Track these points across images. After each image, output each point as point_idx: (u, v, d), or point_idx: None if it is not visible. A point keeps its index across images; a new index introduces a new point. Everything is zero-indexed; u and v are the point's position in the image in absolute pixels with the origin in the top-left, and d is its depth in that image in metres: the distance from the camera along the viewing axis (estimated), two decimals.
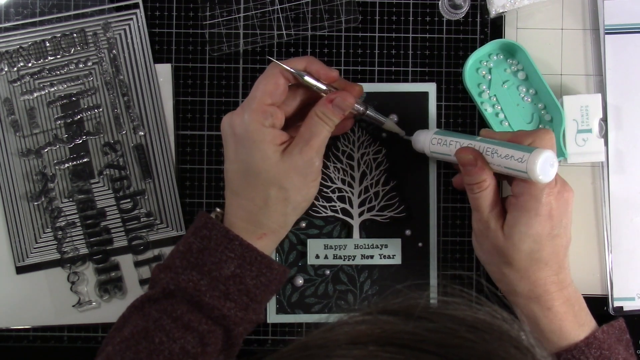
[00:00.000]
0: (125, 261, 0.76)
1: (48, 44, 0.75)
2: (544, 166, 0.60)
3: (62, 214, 0.75)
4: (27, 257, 0.76)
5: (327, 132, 0.65)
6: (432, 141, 0.69)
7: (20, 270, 0.76)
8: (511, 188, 0.66)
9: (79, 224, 0.76)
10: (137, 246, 0.76)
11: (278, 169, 0.64)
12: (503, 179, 0.69)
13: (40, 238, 0.76)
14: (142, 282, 0.76)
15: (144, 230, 0.76)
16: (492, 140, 0.65)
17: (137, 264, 0.76)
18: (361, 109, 0.69)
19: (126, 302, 0.70)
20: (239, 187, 0.65)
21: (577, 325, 0.67)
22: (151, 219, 0.76)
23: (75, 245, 0.76)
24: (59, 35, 0.75)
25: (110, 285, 0.75)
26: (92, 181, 0.76)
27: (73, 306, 0.75)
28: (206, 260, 0.63)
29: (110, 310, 0.75)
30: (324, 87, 0.66)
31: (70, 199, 0.76)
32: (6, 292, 0.76)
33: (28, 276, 0.76)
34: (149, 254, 0.76)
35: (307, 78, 0.65)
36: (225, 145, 0.66)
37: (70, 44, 0.76)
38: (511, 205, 0.64)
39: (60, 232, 0.75)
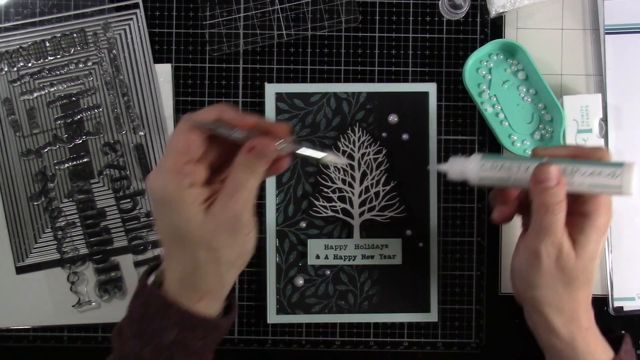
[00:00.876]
0: (125, 261, 0.76)
1: (48, 44, 0.75)
2: (638, 181, 0.58)
3: (62, 214, 0.75)
4: (27, 257, 0.76)
5: (253, 183, 0.59)
6: (482, 167, 0.63)
7: (20, 270, 0.76)
8: (572, 207, 0.61)
9: (79, 224, 0.76)
10: (137, 246, 0.76)
11: (203, 229, 0.58)
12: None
13: (40, 238, 0.76)
14: None
15: (144, 230, 0.76)
16: (563, 160, 0.61)
17: (137, 264, 0.76)
18: (292, 147, 0.59)
19: (126, 302, 0.70)
20: (170, 250, 0.61)
21: (605, 345, 0.65)
22: (151, 218, 0.76)
23: (75, 245, 0.76)
24: (59, 35, 0.75)
25: (110, 285, 0.75)
26: (92, 181, 0.76)
27: (73, 306, 0.75)
28: (147, 328, 0.59)
29: (110, 311, 0.76)
30: (241, 136, 0.58)
31: (70, 199, 0.76)
32: (6, 292, 0.76)
33: (28, 276, 0.76)
34: (149, 254, 0.76)
35: (220, 129, 0.58)
36: (152, 206, 0.63)
37: (70, 44, 0.76)
38: (578, 226, 0.61)
39: (60, 232, 0.75)
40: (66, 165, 0.76)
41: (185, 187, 0.58)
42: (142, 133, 0.76)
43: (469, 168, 0.64)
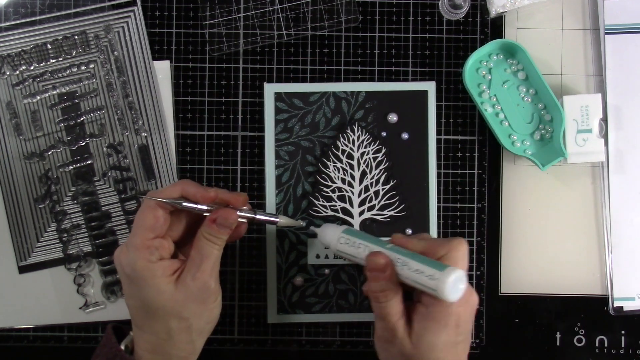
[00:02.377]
0: None
1: (50, 47, 0.75)
2: (454, 286, 0.57)
3: (67, 216, 0.76)
4: (30, 257, 0.76)
5: (218, 251, 0.63)
6: (339, 240, 0.66)
7: (22, 269, 0.76)
8: (418, 295, 0.62)
9: (84, 226, 0.76)
10: None
11: (174, 300, 0.62)
12: (410, 288, 0.63)
13: (42, 237, 0.76)
14: None
15: None
16: (404, 251, 0.61)
17: None
18: (249, 216, 0.65)
19: None
20: (141, 322, 0.64)
21: None
22: None
23: (80, 247, 0.76)
24: (61, 37, 0.75)
25: (117, 286, 0.76)
26: (96, 183, 0.76)
27: (80, 308, 0.76)
28: None
29: (116, 310, 0.76)
30: (204, 208, 0.63)
31: (75, 201, 0.76)
32: (9, 291, 0.76)
33: (31, 275, 0.76)
34: None
35: (184, 204, 0.63)
36: (121, 281, 0.65)
37: (71, 46, 0.76)
38: (419, 313, 0.61)
39: (65, 235, 0.75)
40: (70, 167, 0.76)
41: (154, 261, 0.62)
42: (145, 134, 0.76)
43: (328, 235, 0.68)
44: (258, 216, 0.67)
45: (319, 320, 0.76)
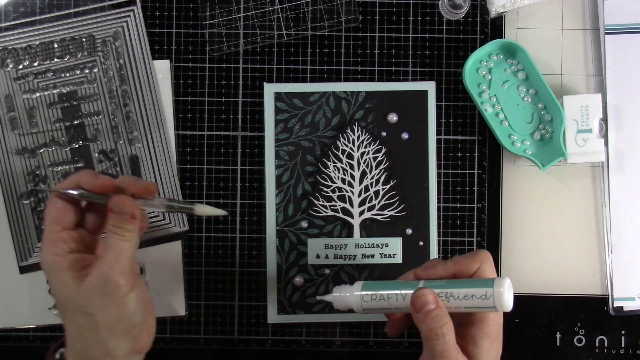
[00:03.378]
0: None
1: (56, 46, 0.75)
2: (509, 294, 0.57)
3: None
4: (30, 257, 0.75)
5: (126, 242, 0.59)
6: (364, 299, 0.62)
7: (23, 269, 0.76)
8: (459, 317, 0.61)
9: None
10: None
11: (79, 295, 0.58)
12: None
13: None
14: None
15: None
16: (438, 282, 0.59)
17: None
18: (156, 203, 0.62)
19: None
20: (62, 320, 0.62)
21: None
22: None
23: None
24: (68, 38, 0.75)
25: None
26: None
27: (49, 309, 0.75)
28: None
29: None
30: (103, 198, 0.60)
31: None
32: (10, 291, 0.76)
33: (31, 276, 0.75)
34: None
35: (82, 194, 0.60)
36: None
37: (78, 48, 0.76)
38: (470, 336, 0.60)
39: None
40: (60, 168, 0.76)
41: (59, 254, 0.59)
42: (140, 145, 0.76)
43: (348, 300, 0.63)
44: (169, 203, 0.63)
45: (319, 320, 0.76)
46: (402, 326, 0.66)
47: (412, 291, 0.59)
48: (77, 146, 0.76)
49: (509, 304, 0.57)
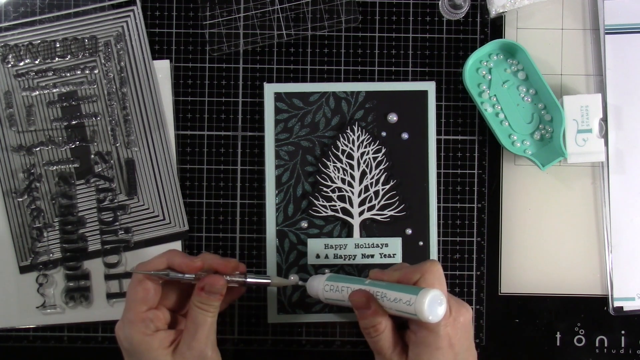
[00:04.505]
0: (97, 272, 0.76)
1: (58, 45, 0.75)
2: (431, 307, 0.57)
3: (42, 215, 0.75)
4: (31, 257, 0.75)
5: (211, 318, 0.63)
6: (324, 288, 0.66)
7: (23, 269, 0.76)
8: (409, 323, 0.63)
9: (57, 228, 0.75)
10: (111, 260, 0.75)
11: None
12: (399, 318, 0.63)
13: (44, 237, 0.75)
14: (109, 295, 0.75)
15: (120, 246, 0.75)
16: (381, 283, 0.62)
17: (108, 277, 0.75)
18: (239, 280, 0.66)
19: (90, 311, 0.74)
20: None
21: None
22: (129, 235, 0.75)
23: (50, 247, 0.75)
24: (71, 38, 0.75)
25: (77, 293, 0.75)
26: (77, 188, 0.75)
27: (37, 307, 0.75)
28: None
29: (73, 316, 0.76)
30: (192, 277, 0.64)
31: (53, 202, 0.75)
32: (9, 291, 0.75)
33: (31, 276, 0.75)
34: (121, 269, 0.76)
35: (171, 275, 0.63)
36: (123, 355, 0.65)
37: (80, 48, 0.76)
38: (411, 341, 0.61)
39: (36, 232, 0.75)
40: (55, 167, 0.75)
41: (150, 333, 0.62)
42: (136, 149, 0.75)
43: (314, 287, 0.68)
44: (249, 280, 0.66)
45: (319, 320, 0.76)
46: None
47: (358, 287, 0.63)
48: (74, 146, 0.76)
49: (428, 315, 0.57)
